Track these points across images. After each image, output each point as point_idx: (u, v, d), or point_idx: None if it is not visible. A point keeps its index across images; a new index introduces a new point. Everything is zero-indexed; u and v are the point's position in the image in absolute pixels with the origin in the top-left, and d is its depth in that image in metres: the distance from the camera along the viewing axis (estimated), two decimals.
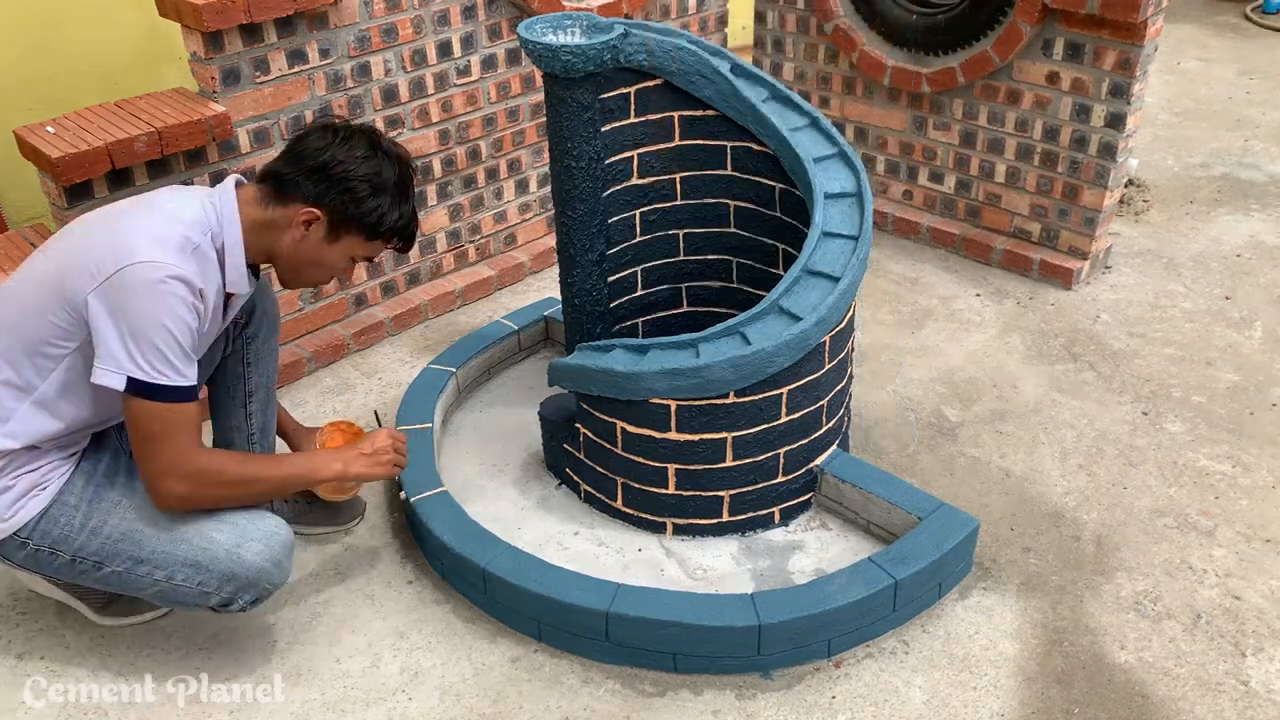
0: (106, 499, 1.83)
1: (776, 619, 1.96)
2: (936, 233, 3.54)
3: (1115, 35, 2.97)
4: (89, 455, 1.87)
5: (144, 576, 1.82)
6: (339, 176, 1.80)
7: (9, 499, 1.76)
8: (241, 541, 1.83)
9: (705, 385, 2.04)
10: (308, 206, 1.81)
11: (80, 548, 1.80)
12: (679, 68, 2.29)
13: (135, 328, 1.63)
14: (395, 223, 1.89)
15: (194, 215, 1.75)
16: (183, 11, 2.50)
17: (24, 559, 1.82)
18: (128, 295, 1.63)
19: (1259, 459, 2.55)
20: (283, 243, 1.84)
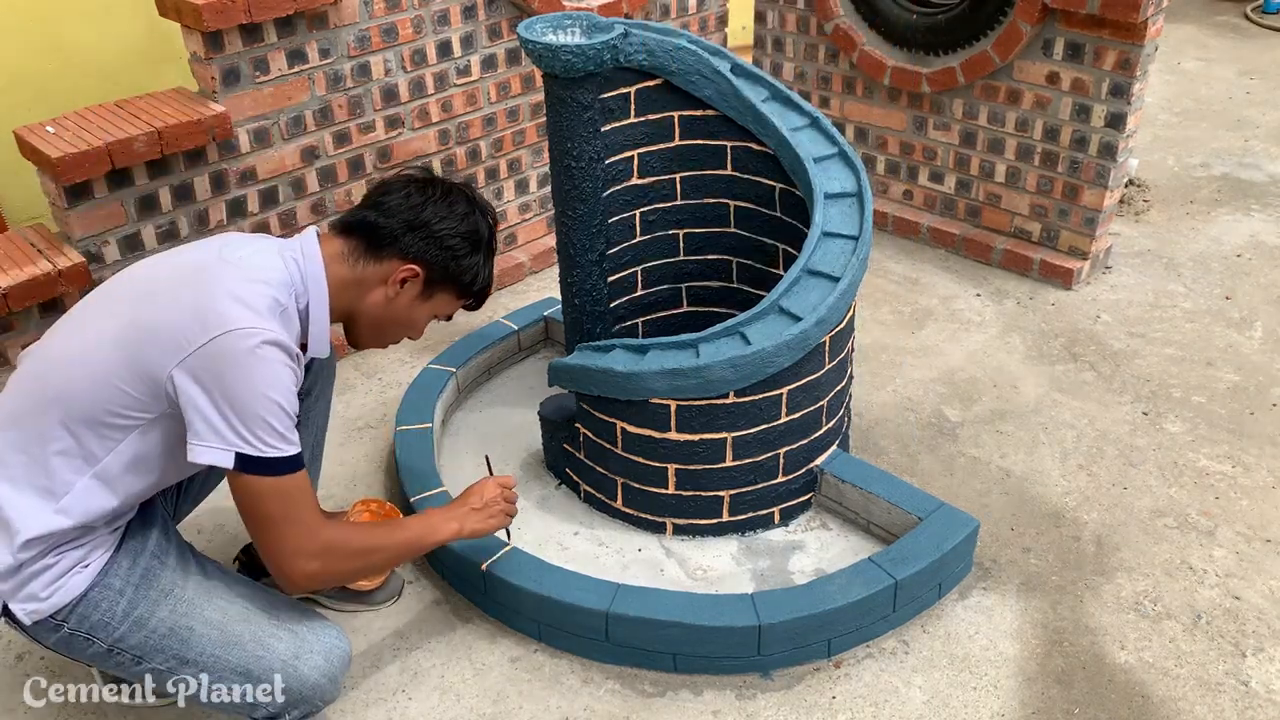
0: (155, 586, 1.64)
1: (776, 619, 1.96)
2: (937, 233, 3.54)
3: (1115, 35, 2.97)
4: (134, 530, 1.68)
5: (187, 678, 1.63)
6: (442, 234, 1.71)
7: (48, 578, 1.56)
8: (300, 653, 1.66)
9: (705, 385, 2.04)
10: (407, 263, 1.71)
11: (120, 638, 1.61)
12: (679, 67, 2.29)
13: (237, 401, 1.48)
14: (484, 282, 1.83)
15: (278, 274, 1.61)
16: (183, 11, 2.50)
17: (56, 642, 1.62)
18: (225, 366, 1.48)
19: (1259, 459, 2.55)
20: (369, 301, 1.73)
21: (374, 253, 1.70)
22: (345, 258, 1.70)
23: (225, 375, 1.48)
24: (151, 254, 2.61)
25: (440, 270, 1.74)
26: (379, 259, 1.71)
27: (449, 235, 1.72)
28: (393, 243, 1.70)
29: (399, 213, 1.71)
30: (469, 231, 1.75)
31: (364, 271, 1.70)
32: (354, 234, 1.71)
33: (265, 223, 2.81)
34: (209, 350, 1.48)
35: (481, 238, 1.78)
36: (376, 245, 1.70)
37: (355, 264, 1.70)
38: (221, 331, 1.48)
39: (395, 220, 1.70)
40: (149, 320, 1.53)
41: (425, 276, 1.73)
